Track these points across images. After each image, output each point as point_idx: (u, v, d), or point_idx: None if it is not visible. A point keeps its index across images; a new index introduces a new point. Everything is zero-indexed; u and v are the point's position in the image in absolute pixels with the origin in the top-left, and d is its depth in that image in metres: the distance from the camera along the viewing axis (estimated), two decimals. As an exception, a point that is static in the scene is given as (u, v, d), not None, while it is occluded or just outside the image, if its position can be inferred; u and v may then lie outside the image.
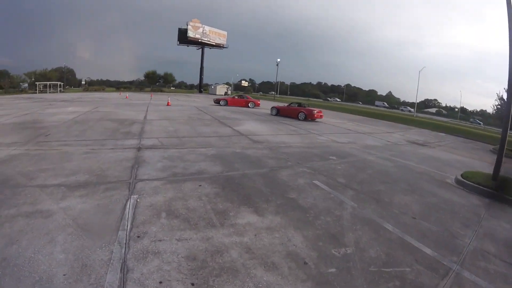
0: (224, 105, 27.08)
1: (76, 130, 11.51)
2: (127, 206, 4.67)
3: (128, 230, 3.91)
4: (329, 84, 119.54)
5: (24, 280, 2.93)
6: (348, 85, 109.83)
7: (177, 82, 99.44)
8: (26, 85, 78.08)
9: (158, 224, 4.16)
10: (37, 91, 60.16)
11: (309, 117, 19.81)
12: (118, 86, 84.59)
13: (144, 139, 9.97)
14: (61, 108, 21.28)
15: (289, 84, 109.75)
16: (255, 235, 4.06)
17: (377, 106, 71.23)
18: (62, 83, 67.36)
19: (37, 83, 65.11)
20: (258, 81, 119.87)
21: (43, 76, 77.62)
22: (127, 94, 48.60)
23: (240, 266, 3.38)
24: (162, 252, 3.48)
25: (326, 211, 5.09)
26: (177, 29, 72.70)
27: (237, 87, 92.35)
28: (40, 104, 26.14)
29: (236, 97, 29.61)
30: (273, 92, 79.29)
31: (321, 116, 20.38)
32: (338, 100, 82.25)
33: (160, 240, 3.73)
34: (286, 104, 23.36)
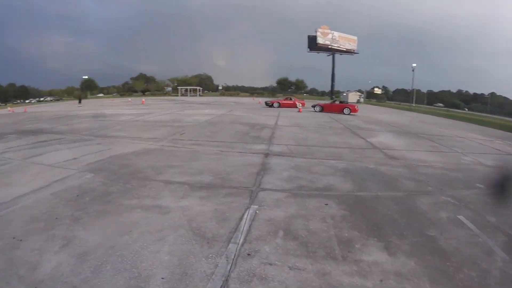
0: (277, 107, 31.07)
1: (208, 131, 12.97)
2: (245, 216, 4.68)
3: (239, 245, 3.85)
4: (471, 92, 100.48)
5: (122, 272, 3.23)
6: (493, 94, 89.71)
7: (308, 88, 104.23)
8: (170, 88, 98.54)
9: (272, 243, 3.96)
10: (179, 94, 75.31)
11: (352, 111, 26.67)
12: (252, 92, 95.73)
13: (273, 145, 10.28)
14: (198, 110, 24.74)
15: (425, 92, 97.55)
16: (381, 280, 3.36)
17: None
18: (201, 88, 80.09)
19: (179, 87, 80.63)
20: (392, 88, 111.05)
21: (184, 81, 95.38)
22: (260, 99, 52.87)
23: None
24: (270, 279, 3.22)
25: (471, 262, 3.89)
26: (307, 36, 76.17)
27: (370, 94, 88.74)
28: (180, 105, 31.25)
29: (285, 99, 35.66)
30: (430, 103, 71.05)
31: (357, 111, 27.40)
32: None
33: (270, 264, 3.49)
34: (327, 102, 32.48)
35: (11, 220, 4.75)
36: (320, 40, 72.26)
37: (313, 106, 28.40)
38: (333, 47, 73.90)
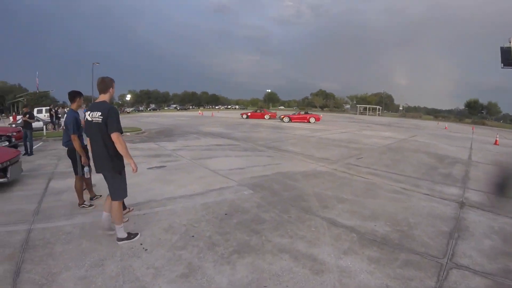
0: (246, 118, 37.13)
1: (388, 158, 11.05)
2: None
3: None
4: None
5: None
6: None
7: (501, 114, 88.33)
8: (348, 106, 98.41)
9: None
10: (357, 113, 73.61)
11: (317, 120, 32.98)
12: (435, 114, 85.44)
13: (469, 191, 7.62)
14: (377, 131, 22.57)
15: None
16: None
17: None
18: (380, 107, 76.20)
19: (357, 105, 79.29)
20: None
21: (363, 99, 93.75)
22: (446, 124, 46.03)
23: None
24: None
25: None
26: (499, 49, 61.48)
27: None
28: (358, 124, 29.63)
29: (257, 111, 42.32)
30: None
31: (320, 119, 34.00)
32: None
33: None
34: (295, 114, 36.11)
35: (150, 223, 4.54)
36: (516, 52, 58.98)
37: (281, 118, 33.69)
38: (533, 61, 59.19)
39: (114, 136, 3.69)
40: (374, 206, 5.87)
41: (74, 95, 5.36)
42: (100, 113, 3.68)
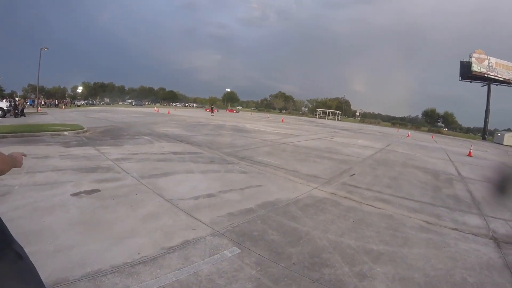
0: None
1: (384, 176, 8.99)
2: None
3: None
4: None
5: None
6: None
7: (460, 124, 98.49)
8: (306, 109, 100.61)
9: None
10: (317, 116, 73.65)
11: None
12: (392, 121, 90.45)
13: (489, 219, 5.83)
14: (349, 138, 20.87)
15: None
16: None
17: None
18: (340, 112, 77.99)
19: (317, 109, 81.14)
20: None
21: (324, 103, 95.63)
22: (407, 132, 47.65)
23: None
24: None
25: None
26: (459, 62, 66.01)
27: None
28: (325, 129, 27.89)
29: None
30: None
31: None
32: None
33: None
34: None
35: None
36: (475, 67, 62.23)
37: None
38: (489, 76, 62.81)
39: None
40: (418, 262, 3.73)
41: None
42: None
